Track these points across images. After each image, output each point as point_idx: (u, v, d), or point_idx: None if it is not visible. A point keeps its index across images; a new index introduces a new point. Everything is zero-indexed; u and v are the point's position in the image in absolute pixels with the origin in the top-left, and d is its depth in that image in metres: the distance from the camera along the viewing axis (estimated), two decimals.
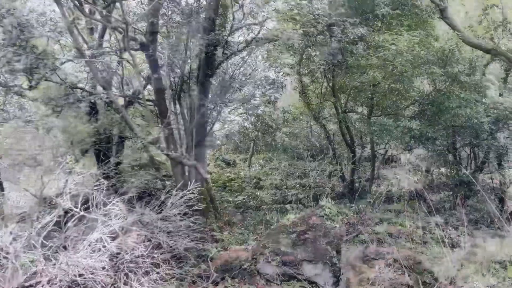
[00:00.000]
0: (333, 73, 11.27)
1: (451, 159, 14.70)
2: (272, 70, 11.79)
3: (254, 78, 10.56)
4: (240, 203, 12.53)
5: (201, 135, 10.08)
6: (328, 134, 14.70)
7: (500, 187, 13.81)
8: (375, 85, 11.57)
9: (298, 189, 15.56)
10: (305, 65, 14.51)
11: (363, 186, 15.22)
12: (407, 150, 13.18)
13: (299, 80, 15.39)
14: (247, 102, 10.20)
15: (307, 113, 15.72)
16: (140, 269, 5.13)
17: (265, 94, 11.38)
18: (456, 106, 10.12)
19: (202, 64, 9.62)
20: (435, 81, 11.05)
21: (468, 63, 10.34)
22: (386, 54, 8.74)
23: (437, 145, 13.05)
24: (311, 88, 15.60)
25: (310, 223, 5.49)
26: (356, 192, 13.48)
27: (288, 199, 13.91)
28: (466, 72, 9.93)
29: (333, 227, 5.49)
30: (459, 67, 9.54)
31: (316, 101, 14.83)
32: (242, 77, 10.58)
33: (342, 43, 8.94)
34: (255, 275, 5.48)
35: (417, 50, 9.41)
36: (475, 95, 10.34)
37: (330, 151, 15.69)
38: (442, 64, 10.00)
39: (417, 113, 12.10)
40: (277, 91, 11.46)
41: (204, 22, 8.35)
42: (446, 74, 9.74)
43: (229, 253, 6.12)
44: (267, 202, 13.26)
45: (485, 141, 12.11)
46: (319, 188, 14.77)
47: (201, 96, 9.57)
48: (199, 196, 9.64)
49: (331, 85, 11.97)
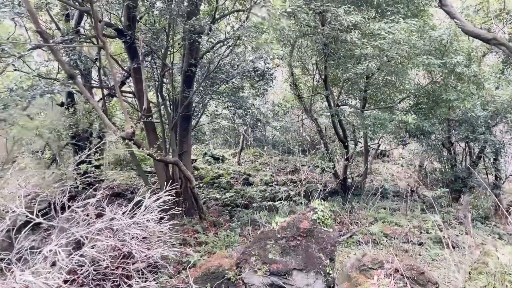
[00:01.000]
0: (325, 64, 10.67)
1: (445, 154, 14.34)
2: (262, 61, 11.13)
3: (243, 69, 9.90)
4: (228, 200, 11.94)
5: (185, 129, 9.45)
6: (320, 128, 14.17)
7: (495, 183, 13.48)
8: (369, 77, 11.05)
9: (289, 185, 15.06)
10: (296, 56, 13.96)
11: (356, 182, 14.78)
12: (401, 145, 12.69)
13: (290, 73, 14.86)
14: (235, 94, 9.56)
15: (298, 107, 15.19)
16: (109, 282, 4.53)
17: (254, 86, 10.75)
18: (454, 99, 9.63)
19: (186, 53, 8.96)
20: (431, 73, 10.56)
21: (466, 54, 9.84)
22: (382, 43, 8.17)
23: (432, 140, 12.62)
24: (302, 81, 15.05)
25: (301, 228, 4.92)
26: (349, 189, 13.01)
27: (278, 196, 13.40)
28: (464, 63, 9.43)
29: (326, 232, 4.92)
30: (457, 58, 9.02)
31: (308, 94, 14.29)
32: (229, 68, 9.92)
33: (335, 31, 8.34)
34: (239, 285, 4.91)
35: (414, 39, 8.90)
36: (472, 88, 9.85)
37: (322, 146, 15.18)
38: (439, 55, 9.49)
39: (412, 107, 11.63)
40: (266, 83, 10.82)
41: (187, 6, 7.65)
42: (444, 65, 9.22)
43: (211, 260, 5.53)
44: (256, 200, 12.71)
45: (482, 135, 11.72)
46: (311, 184, 14.28)
47: (185, 87, 8.92)
48: (183, 195, 9.07)
49: (323, 77, 11.39)
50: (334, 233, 5.09)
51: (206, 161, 16.80)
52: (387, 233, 8.09)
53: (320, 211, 5.02)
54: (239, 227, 8.07)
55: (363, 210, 10.08)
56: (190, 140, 9.65)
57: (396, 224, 8.89)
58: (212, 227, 8.09)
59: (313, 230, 4.96)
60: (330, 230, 5.01)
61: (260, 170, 16.67)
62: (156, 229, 5.10)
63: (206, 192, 13.10)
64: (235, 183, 14.46)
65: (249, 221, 8.46)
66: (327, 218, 5.03)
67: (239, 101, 9.39)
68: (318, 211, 5.04)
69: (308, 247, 4.83)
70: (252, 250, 4.98)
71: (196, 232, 7.80)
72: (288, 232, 5.00)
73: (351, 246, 7.60)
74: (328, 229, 5.01)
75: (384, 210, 10.33)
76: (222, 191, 13.35)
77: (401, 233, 8.19)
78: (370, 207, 10.45)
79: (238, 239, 7.46)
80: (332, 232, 5.02)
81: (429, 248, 7.73)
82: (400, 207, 11.24)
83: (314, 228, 4.97)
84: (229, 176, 14.92)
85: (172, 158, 7.52)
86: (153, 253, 4.80)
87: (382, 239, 7.83)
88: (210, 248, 7.04)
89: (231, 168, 16.22)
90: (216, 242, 7.28)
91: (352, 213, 9.42)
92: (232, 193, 12.87)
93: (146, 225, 4.96)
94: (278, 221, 5.19)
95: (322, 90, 13.02)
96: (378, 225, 8.54)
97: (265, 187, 14.64)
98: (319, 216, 4.99)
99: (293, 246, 4.88)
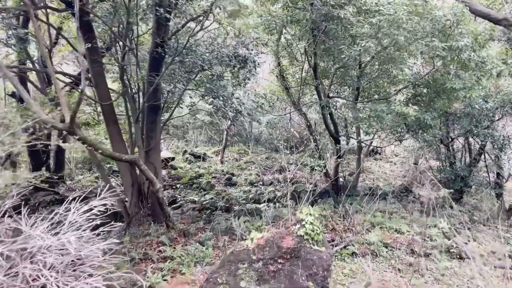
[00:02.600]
0: (315, 49, 9.45)
1: (444, 151, 13.29)
2: (244, 47, 9.85)
3: (221, 54, 8.60)
4: (207, 203, 10.65)
5: (153, 122, 8.13)
6: (309, 123, 12.97)
7: (497, 182, 12.49)
8: (362, 66, 9.90)
9: (276, 185, 13.85)
10: (284, 45, 12.76)
11: (349, 181, 13.64)
12: (398, 141, 11.56)
13: (276, 63, 13.64)
14: (211, 82, 8.27)
15: (286, 100, 13.97)
16: None
17: (235, 74, 9.46)
18: (459, 88, 8.52)
19: (153, 32, 7.64)
20: (433, 59, 9.44)
21: (473, 37, 8.74)
22: (381, 20, 6.99)
23: (431, 135, 11.51)
24: (290, 72, 13.84)
25: (283, 247, 3.68)
26: (341, 189, 11.84)
27: (264, 197, 12.17)
28: (472, 47, 8.32)
29: (316, 252, 3.69)
30: (464, 40, 7.90)
31: (296, 85, 13.10)
32: (207, 53, 8.61)
33: (326, 6, 7.12)
34: None
35: (417, 20, 7.78)
36: (481, 76, 8.77)
37: (311, 142, 14.03)
38: (443, 38, 8.36)
39: (410, 98, 10.50)
40: (249, 71, 9.54)
41: None
42: (449, 49, 8.09)
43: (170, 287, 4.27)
44: (239, 202, 11.46)
45: (486, 129, 10.66)
46: (300, 184, 13.09)
47: (152, 73, 7.61)
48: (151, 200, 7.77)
49: (313, 65, 10.18)
50: (327, 252, 3.86)
51: (186, 159, 15.45)
52: (387, 242, 6.91)
53: (309, 223, 3.79)
54: (213, 238, 6.80)
55: (357, 214, 8.92)
56: (159, 135, 8.34)
57: (396, 231, 7.73)
58: (182, 238, 6.81)
59: (299, 250, 3.72)
60: (321, 249, 3.79)
61: (245, 169, 15.41)
62: (92, 249, 3.80)
63: (183, 193, 11.79)
64: (216, 183, 13.17)
65: (226, 229, 7.20)
66: (318, 233, 3.80)
67: (216, 89, 8.09)
68: (305, 223, 3.81)
69: (293, 273, 3.60)
70: (219, 277, 3.73)
71: (161, 244, 6.51)
72: (266, 253, 3.75)
73: (346, 259, 6.40)
74: (319, 248, 3.78)
75: (380, 214, 9.18)
76: (202, 192, 12.05)
77: (403, 242, 7.03)
78: (365, 210, 9.30)
79: (211, 253, 6.20)
80: (324, 251, 3.79)
81: (436, 260, 6.58)
82: (398, 209, 10.12)
83: (301, 247, 3.74)
84: (210, 176, 13.62)
85: (129, 156, 6.20)
86: (81, 285, 3.50)
87: (381, 250, 6.65)
88: (176, 265, 5.77)
89: (213, 167, 14.92)
90: (183, 257, 6.00)
91: (346, 218, 8.23)
92: (212, 195, 11.59)
93: (75, 246, 3.66)
94: (254, 237, 3.94)
95: (311, 81, 11.85)
96: (376, 232, 7.36)
97: (249, 187, 13.40)
98: (307, 231, 3.76)
99: (272, 271, 3.64)
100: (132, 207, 8.04)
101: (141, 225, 7.92)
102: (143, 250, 6.32)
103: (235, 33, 10.73)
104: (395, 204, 10.81)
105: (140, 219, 8.03)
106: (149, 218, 8.10)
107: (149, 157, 8.16)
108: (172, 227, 6.86)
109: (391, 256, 6.46)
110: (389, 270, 6.09)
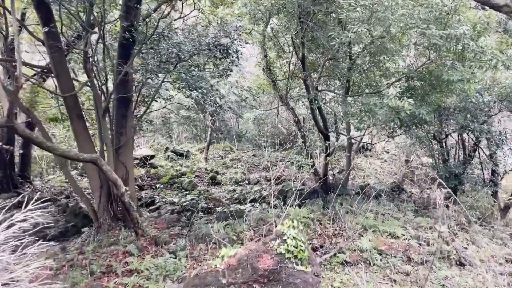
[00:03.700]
0: (302, 39, 8.75)
1: (437, 147, 12.75)
2: (227, 37, 9.09)
3: (200, 43, 7.83)
4: (188, 204, 9.90)
5: (123, 116, 7.34)
6: (298, 118, 12.27)
7: (492, 179, 12.00)
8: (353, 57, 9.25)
9: (262, 184, 13.15)
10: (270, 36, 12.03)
11: (338, 179, 13.02)
12: (390, 137, 10.95)
13: (263, 55, 12.91)
14: (188, 73, 7.49)
15: (273, 94, 13.25)
16: None
17: (217, 65, 8.71)
18: (457, 80, 7.91)
19: (121, 15, 6.83)
20: (428, 50, 8.82)
21: (472, 25, 8.15)
22: (375, 3, 6.31)
23: (425, 131, 10.93)
24: (278, 65, 13.12)
25: (259, 268, 2.97)
26: (330, 188, 11.20)
27: (250, 196, 11.46)
28: (470, 36, 7.71)
29: (300, 274, 2.99)
30: (463, 28, 7.28)
31: (284, 78, 12.38)
32: (184, 41, 7.83)
33: None
34: None
35: (412, 4, 7.14)
36: (483, 64, 8.19)
37: (299, 139, 13.36)
38: (440, 26, 7.74)
39: (403, 92, 9.88)
40: (232, 61, 8.80)
41: None
42: (446, 37, 7.47)
43: None
44: (223, 202, 10.73)
45: (483, 125, 10.11)
46: (287, 182, 12.42)
47: (121, 61, 6.81)
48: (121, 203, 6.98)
49: (301, 56, 9.47)
50: (314, 273, 3.16)
51: (167, 157, 14.62)
52: (381, 248, 6.27)
53: (291, 238, 3.08)
54: (188, 246, 6.06)
55: (348, 215, 8.27)
56: (131, 131, 7.54)
57: (390, 235, 7.11)
58: (153, 246, 6.05)
59: (280, 272, 3.02)
60: (306, 270, 3.09)
61: (230, 167, 14.67)
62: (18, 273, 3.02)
63: (162, 194, 11.00)
64: (199, 182, 12.42)
65: (203, 235, 6.47)
66: (302, 250, 3.10)
67: (193, 81, 7.31)
68: (287, 238, 3.09)
69: None
70: None
71: (128, 255, 5.74)
72: (239, 275, 3.04)
73: (336, 268, 5.74)
74: (303, 268, 3.08)
75: (373, 215, 8.54)
76: (183, 193, 11.28)
77: (398, 247, 6.40)
78: (355, 211, 8.66)
79: (185, 264, 5.46)
80: (309, 272, 3.09)
81: (435, 268, 5.96)
82: (391, 209, 9.52)
83: (281, 267, 3.03)
84: (192, 175, 12.86)
85: (88, 155, 5.40)
86: None
87: (375, 257, 6.01)
88: (142, 280, 5.02)
89: (197, 166, 14.15)
90: (152, 270, 5.26)
91: (336, 221, 7.57)
92: (194, 195, 10.84)
93: None
94: (225, 254, 3.22)
95: (299, 73, 11.15)
96: (369, 237, 6.72)
97: (234, 186, 12.68)
98: (288, 248, 3.06)
99: None
100: (101, 211, 7.26)
101: (111, 231, 7.15)
102: (106, 261, 5.55)
103: (218, 22, 10.01)
104: (386, 203, 10.21)
105: (109, 224, 7.26)
106: (121, 223, 7.34)
107: (119, 155, 7.38)
108: (142, 234, 6.09)
109: (386, 265, 5.82)
110: (384, 281, 5.45)
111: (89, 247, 6.02)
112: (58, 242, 7.71)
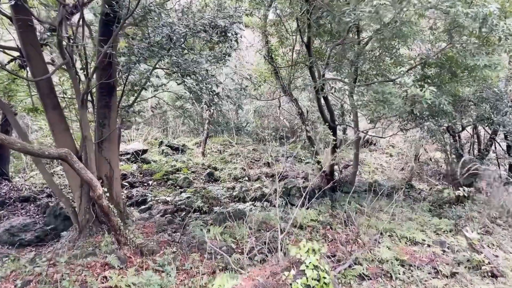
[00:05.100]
0: (308, 20, 7.83)
1: (449, 141, 11.88)
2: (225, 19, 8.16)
3: (195, 24, 6.90)
4: (182, 203, 9.04)
5: (106, 106, 6.44)
6: (301, 110, 11.37)
7: (510, 174, 11.17)
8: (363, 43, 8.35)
9: (263, 180, 12.28)
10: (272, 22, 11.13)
11: (345, 176, 12.17)
12: (403, 130, 10.06)
13: (264, 41, 12.00)
14: (180, 56, 6.58)
15: (274, 84, 12.34)
16: None
17: (212, 49, 7.79)
18: (484, 66, 7.02)
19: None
20: (451, 31, 7.91)
21: (500, 4, 7.25)
22: None
23: (439, 123, 10.03)
24: (280, 53, 12.20)
25: None
26: (337, 185, 10.36)
27: (250, 194, 10.61)
28: (499, 15, 6.80)
29: None
30: (493, 6, 6.37)
31: (286, 70, 11.47)
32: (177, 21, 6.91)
33: None
34: None
35: None
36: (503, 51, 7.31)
37: (303, 132, 12.47)
38: (465, 6, 6.83)
39: (419, 80, 8.97)
40: (230, 46, 7.87)
41: None
42: (473, 16, 6.56)
43: None
44: (221, 201, 9.87)
45: (505, 116, 9.22)
46: (291, 179, 11.56)
47: (103, 40, 5.90)
48: None
49: (307, 39, 8.56)
50: None
51: (162, 152, 13.72)
52: (403, 258, 5.41)
53: (311, 268, 2.19)
54: (179, 256, 5.20)
55: (359, 216, 7.42)
56: (115, 123, 6.64)
57: (410, 241, 6.26)
58: (138, 256, 5.18)
59: None
60: None
61: (229, 162, 13.79)
62: None
63: (155, 192, 10.12)
64: (195, 179, 11.54)
65: (197, 243, 5.60)
66: (326, 283, 2.21)
67: (185, 64, 6.40)
68: (306, 268, 2.21)
69: None
70: None
71: (108, 267, 4.88)
72: None
73: (352, 283, 4.88)
74: None
75: (385, 216, 7.69)
76: (177, 190, 10.41)
77: (422, 257, 5.55)
78: (366, 211, 7.81)
79: (173, 280, 4.60)
80: None
81: (467, 281, 5.11)
82: (403, 208, 8.68)
83: None
84: (188, 171, 11.97)
85: (56, 151, 4.51)
86: None
87: (397, 269, 5.15)
88: None
89: (193, 161, 13.26)
90: (136, 285, 4.40)
91: (348, 224, 6.71)
92: (189, 193, 9.97)
93: None
94: (221, 286, 2.34)
95: (304, 60, 10.25)
96: (387, 244, 5.87)
97: (233, 183, 11.82)
98: (308, 282, 2.17)
99: None
100: (83, 214, 6.39)
101: (92, 236, 6.29)
102: (82, 275, 4.68)
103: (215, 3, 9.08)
104: (399, 202, 9.37)
105: (91, 228, 6.39)
106: (104, 226, 6.47)
107: (102, 150, 6.50)
108: (125, 242, 5.23)
109: (411, 279, 4.97)
110: None
111: (63, 257, 5.14)
112: (34, 248, 6.89)
